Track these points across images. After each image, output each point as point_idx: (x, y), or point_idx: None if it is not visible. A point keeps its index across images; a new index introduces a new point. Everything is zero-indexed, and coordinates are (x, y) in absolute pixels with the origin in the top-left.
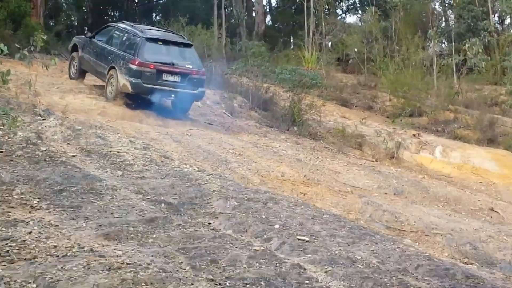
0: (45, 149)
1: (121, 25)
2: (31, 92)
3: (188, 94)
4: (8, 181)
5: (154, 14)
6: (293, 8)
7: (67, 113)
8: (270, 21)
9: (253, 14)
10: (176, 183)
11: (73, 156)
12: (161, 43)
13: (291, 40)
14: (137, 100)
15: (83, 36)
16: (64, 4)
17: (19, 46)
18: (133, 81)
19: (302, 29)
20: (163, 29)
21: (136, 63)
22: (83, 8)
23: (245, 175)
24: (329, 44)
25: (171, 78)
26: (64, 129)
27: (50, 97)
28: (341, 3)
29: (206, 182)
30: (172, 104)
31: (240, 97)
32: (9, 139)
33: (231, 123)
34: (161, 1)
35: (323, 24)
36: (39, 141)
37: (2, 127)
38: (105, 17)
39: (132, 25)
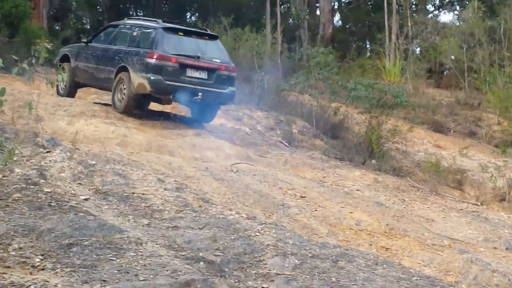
0: (49, 190)
1: (128, 21)
2: (32, 116)
3: (217, 93)
4: (3, 233)
5: (188, 14)
6: (369, 4)
7: (77, 144)
8: (340, 22)
9: (318, 12)
10: (218, 235)
11: (86, 199)
12: (182, 34)
13: (367, 46)
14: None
15: (75, 44)
16: (73, 3)
17: (16, 58)
18: (152, 78)
19: (382, 31)
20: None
21: (155, 56)
22: (97, 7)
23: (309, 223)
24: (417, 50)
25: (196, 74)
26: (74, 165)
27: (55, 123)
28: None
29: (257, 234)
30: (195, 108)
31: (300, 121)
32: (5, 178)
33: (290, 155)
34: None
35: (409, 24)
36: (42, 181)
37: None
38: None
39: (143, 18)
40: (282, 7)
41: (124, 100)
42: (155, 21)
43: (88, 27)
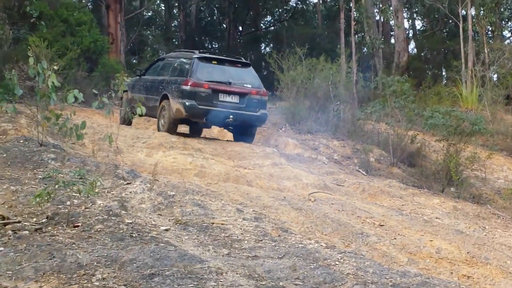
0: (130, 221)
1: (172, 54)
2: (112, 148)
3: (249, 116)
4: (86, 263)
5: (263, 45)
6: (444, 31)
7: (156, 175)
8: (414, 49)
9: (392, 40)
10: (298, 264)
11: (166, 230)
12: (215, 63)
13: (443, 73)
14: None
15: (133, 78)
16: (149, 37)
17: (96, 92)
18: (186, 103)
19: (458, 58)
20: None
21: (189, 84)
22: (174, 40)
23: (388, 252)
24: (495, 76)
25: (228, 98)
26: (154, 196)
27: (134, 155)
28: (510, 23)
29: (337, 263)
30: (235, 131)
31: (377, 150)
32: (87, 210)
33: (367, 183)
34: (272, 28)
35: (485, 50)
36: (123, 212)
37: (78, 195)
38: (200, 51)
39: (185, 50)
40: (357, 36)
41: (166, 124)
42: (192, 52)
43: None
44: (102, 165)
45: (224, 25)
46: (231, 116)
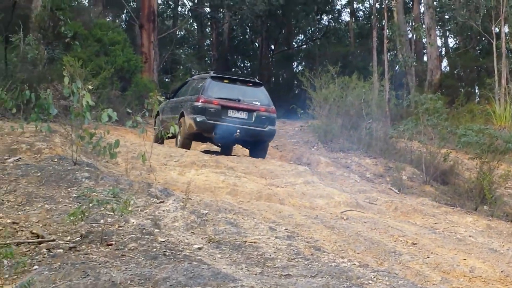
0: (163, 240)
1: (195, 76)
2: (145, 167)
3: (256, 131)
4: (120, 281)
5: (295, 63)
6: (477, 49)
7: (189, 193)
8: (447, 67)
9: (425, 58)
10: (331, 283)
11: (199, 248)
12: (227, 82)
13: (476, 91)
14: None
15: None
16: (182, 56)
17: (130, 111)
18: (197, 119)
19: (491, 76)
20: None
21: (201, 100)
22: (206, 59)
23: (421, 271)
24: None
25: (237, 114)
26: (187, 214)
27: (167, 173)
28: None
29: (370, 281)
30: (249, 147)
31: (410, 168)
32: (120, 228)
33: (400, 201)
34: (304, 46)
35: None
36: (156, 230)
37: (111, 213)
38: (233, 69)
39: (204, 72)
40: (389, 54)
41: (180, 140)
42: (208, 72)
43: None
44: (135, 184)
45: (257, 44)
46: (238, 131)
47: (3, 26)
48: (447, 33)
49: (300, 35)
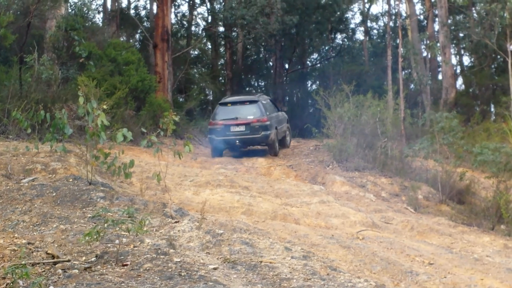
0: (179, 260)
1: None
2: (160, 187)
3: (252, 138)
4: None
5: (309, 82)
6: (492, 67)
7: (204, 213)
8: (462, 85)
9: (440, 77)
10: None
11: (214, 269)
12: (230, 105)
13: (492, 109)
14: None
15: None
16: (196, 75)
17: (144, 131)
18: (208, 136)
19: (506, 94)
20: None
21: (211, 123)
22: (220, 78)
23: None
24: None
25: (237, 129)
26: (202, 234)
27: (182, 193)
28: None
29: None
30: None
31: (425, 187)
32: (135, 248)
33: (416, 221)
34: (319, 65)
35: None
36: (171, 250)
37: (126, 233)
38: (247, 89)
39: (227, 96)
40: (404, 72)
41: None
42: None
43: (211, 98)
44: (150, 204)
45: (270, 63)
46: (237, 141)
47: (17, 46)
48: (462, 51)
49: (314, 54)
